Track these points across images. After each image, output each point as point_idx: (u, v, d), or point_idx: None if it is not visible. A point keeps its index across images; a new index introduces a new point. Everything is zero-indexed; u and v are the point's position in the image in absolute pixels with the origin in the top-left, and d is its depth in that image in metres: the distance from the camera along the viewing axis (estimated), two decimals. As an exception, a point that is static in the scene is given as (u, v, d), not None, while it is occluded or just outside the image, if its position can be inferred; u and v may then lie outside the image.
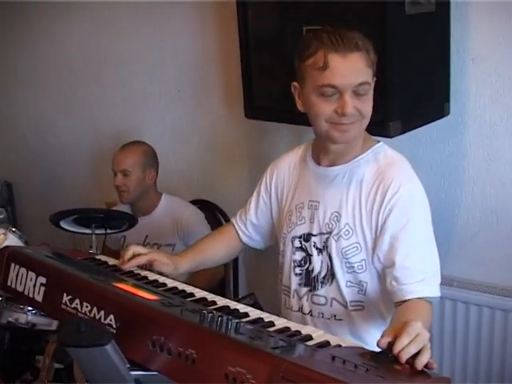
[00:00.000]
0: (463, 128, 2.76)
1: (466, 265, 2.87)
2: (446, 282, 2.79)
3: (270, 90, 2.83)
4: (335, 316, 2.00)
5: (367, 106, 1.87)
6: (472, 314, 2.79)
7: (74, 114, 4.25)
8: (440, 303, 2.82)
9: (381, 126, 2.40)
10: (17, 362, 2.34)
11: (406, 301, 1.79)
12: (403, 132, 2.48)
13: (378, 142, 2.04)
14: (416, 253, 1.84)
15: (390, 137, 2.42)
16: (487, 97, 2.68)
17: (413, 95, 2.47)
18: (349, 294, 1.97)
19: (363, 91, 1.83)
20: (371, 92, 1.88)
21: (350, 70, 1.81)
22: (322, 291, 2.01)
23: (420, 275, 1.80)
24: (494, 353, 2.76)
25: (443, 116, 2.68)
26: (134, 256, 1.98)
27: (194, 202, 3.51)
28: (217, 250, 2.30)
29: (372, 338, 1.74)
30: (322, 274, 2.01)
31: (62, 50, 4.16)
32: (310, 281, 2.04)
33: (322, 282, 2.01)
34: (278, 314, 1.84)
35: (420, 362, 1.30)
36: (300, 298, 2.07)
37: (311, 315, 2.04)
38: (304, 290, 2.06)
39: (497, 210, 2.77)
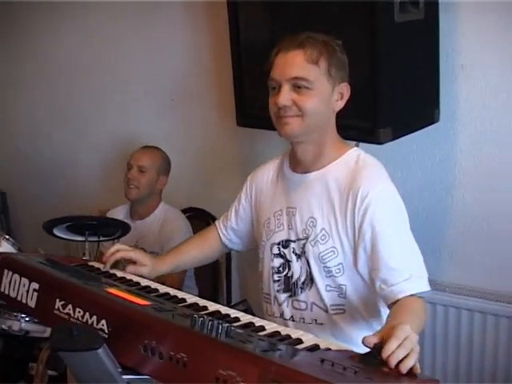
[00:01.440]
0: (453, 134, 2.78)
1: (458, 270, 2.89)
2: (437, 287, 2.83)
3: (262, 99, 2.82)
4: (316, 320, 2.02)
5: (308, 103, 1.90)
6: (464, 319, 2.81)
7: (67, 123, 4.26)
8: (432, 308, 2.84)
9: (371, 132, 2.42)
10: (10, 370, 2.33)
11: (397, 301, 1.80)
12: (394, 139, 2.50)
13: (354, 147, 2.07)
14: (398, 252, 1.86)
15: (381, 143, 2.44)
16: (477, 103, 2.70)
17: (403, 102, 2.49)
18: (329, 298, 1.99)
19: (302, 86, 1.89)
20: (318, 90, 1.91)
21: (286, 64, 1.91)
22: (302, 296, 2.04)
23: (407, 273, 1.82)
24: (486, 357, 2.78)
25: (433, 122, 2.70)
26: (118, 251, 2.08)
27: (187, 210, 3.53)
28: (196, 251, 2.34)
29: (355, 342, 1.76)
30: (302, 280, 2.03)
31: (55, 59, 4.18)
32: (289, 286, 2.06)
33: (301, 288, 2.03)
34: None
35: (404, 366, 1.32)
36: (280, 305, 2.09)
37: (293, 320, 2.06)
38: (284, 296, 2.08)
39: (487, 216, 2.79)
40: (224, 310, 1.69)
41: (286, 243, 2.06)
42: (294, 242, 2.04)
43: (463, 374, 2.84)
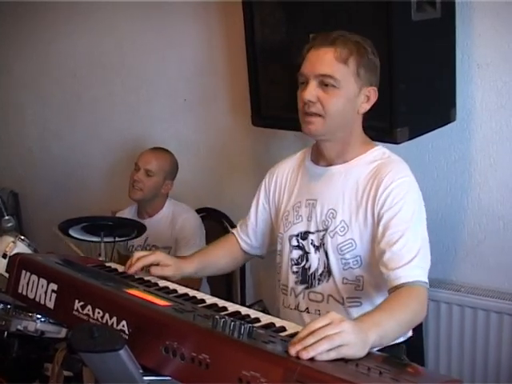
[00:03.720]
0: (469, 134, 2.77)
1: (473, 270, 2.88)
2: (453, 287, 2.83)
3: (277, 99, 2.84)
4: None
5: (331, 102, 1.92)
6: (480, 319, 2.79)
7: (78, 124, 4.26)
8: (448, 309, 2.84)
9: (388, 132, 2.42)
10: (26, 370, 2.34)
11: (396, 287, 1.77)
12: (410, 138, 2.49)
13: (379, 145, 2.09)
14: (405, 239, 1.82)
15: (397, 143, 2.43)
16: (493, 103, 2.69)
17: (419, 101, 2.48)
18: (345, 290, 2.00)
19: (329, 83, 1.91)
20: (344, 90, 1.92)
21: (316, 60, 1.93)
22: (318, 288, 2.04)
23: (407, 258, 1.79)
24: (503, 357, 2.76)
25: (449, 122, 2.69)
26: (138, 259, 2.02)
27: (201, 210, 3.53)
28: (220, 257, 2.32)
29: None
30: (319, 271, 2.04)
31: (67, 59, 4.17)
32: (306, 278, 2.07)
33: (318, 279, 2.04)
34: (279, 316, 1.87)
35: (307, 351, 1.30)
36: (296, 296, 2.10)
37: (308, 312, 2.06)
38: (300, 287, 2.08)
39: (503, 216, 2.77)
40: (244, 310, 1.69)
41: (304, 235, 2.07)
42: (313, 233, 2.04)
43: (480, 374, 2.83)
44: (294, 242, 2.10)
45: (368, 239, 1.94)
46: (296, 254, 2.09)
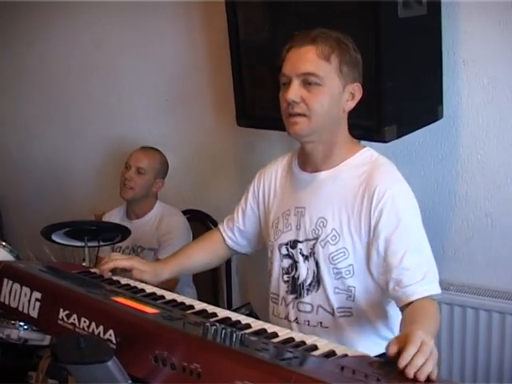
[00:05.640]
0: (456, 131, 2.75)
1: (462, 268, 2.87)
2: (442, 286, 2.75)
3: (262, 98, 2.81)
4: (321, 323, 1.98)
5: (316, 101, 1.87)
6: (469, 318, 2.78)
7: (59, 126, 4.21)
8: (437, 308, 2.81)
9: (376, 131, 2.39)
10: (9, 379, 2.29)
11: (410, 303, 1.77)
12: (398, 137, 2.47)
13: (365, 147, 2.04)
14: (412, 252, 1.83)
15: (386, 141, 2.41)
16: (479, 99, 2.68)
17: (407, 99, 2.46)
18: (336, 300, 1.96)
19: (313, 82, 1.87)
20: (328, 87, 1.88)
21: (298, 59, 1.89)
22: (307, 298, 2.01)
23: (420, 274, 1.80)
24: (492, 355, 2.75)
25: (437, 119, 2.67)
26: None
27: (185, 212, 3.49)
28: (200, 256, 2.29)
29: (360, 346, 1.73)
30: (308, 281, 2.00)
31: (47, 60, 4.12)
32: (296, 288, 2.03)
33: (307, 290, 2.00)
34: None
35: (422, 373, 1.27)
36: (286, 306, 2.06)
37: (297, 323, 2.03)
38: (290, 297, 2.05)
39: (491, 213, 2.76)
40: (234, 316, 1.65)
41: (293, 244, 2.03)
42: (302, 242, 2.00)
43: (469, 371, 2.82)
44: (284, 251, 2.06)
45: (361, 248, 1.91)
46: (286, 262, 2.05)
